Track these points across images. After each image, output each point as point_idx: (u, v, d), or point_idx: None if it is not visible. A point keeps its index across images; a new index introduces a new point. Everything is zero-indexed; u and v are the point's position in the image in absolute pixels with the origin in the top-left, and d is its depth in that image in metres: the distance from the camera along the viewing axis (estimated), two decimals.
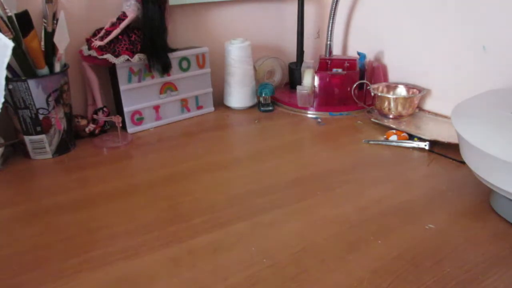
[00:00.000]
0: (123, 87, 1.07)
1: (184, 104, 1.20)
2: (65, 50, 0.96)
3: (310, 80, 1.20)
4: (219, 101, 1.30)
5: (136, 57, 1.05)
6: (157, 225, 0.70)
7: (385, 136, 1.03)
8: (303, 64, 1.25)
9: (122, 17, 1.04)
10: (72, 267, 0.61)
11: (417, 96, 1.11)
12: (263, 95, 1.25)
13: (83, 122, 1.07)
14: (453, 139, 0.94)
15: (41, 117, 0.93)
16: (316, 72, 1.21)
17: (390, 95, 1.12)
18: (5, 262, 0.63)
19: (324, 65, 1.31)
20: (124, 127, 1.11)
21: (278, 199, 0.77)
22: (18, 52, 0.87)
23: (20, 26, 0.88)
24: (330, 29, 1.30)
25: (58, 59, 0.95)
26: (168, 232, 0.69)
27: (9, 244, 0.67)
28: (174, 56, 1.13)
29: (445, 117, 1.10)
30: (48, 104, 0.93)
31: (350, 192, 0.79)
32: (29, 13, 0.90)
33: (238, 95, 1.25)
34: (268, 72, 1.38)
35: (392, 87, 1.19)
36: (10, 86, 0.89)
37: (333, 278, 0.57)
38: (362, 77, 1.25)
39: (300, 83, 1.25)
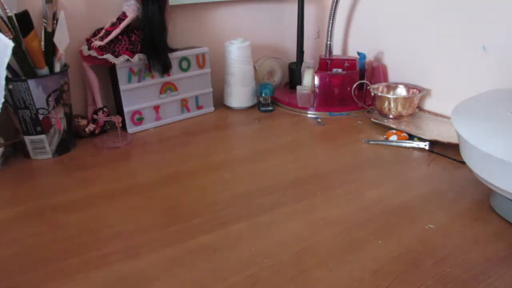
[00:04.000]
0: (123, 87, 1.07)
1: (184, 104, 1.20)
2: (65, 50, 0.96)
3: (310, 80, 1.20)
4: (219, 101, 1.30)
5: (136, 57, 1.05)
6: (157, 225, 0.70)
7: (385, 136, 1.03)
8: (303, 64, 1.25)
9: (122, 17, 1.04)
10: (72, 267, 0.61)
11: (417, 96, 1.11)
12: (263, 95, 1.25)
13: (83, 122, 1.07)
14: (453, 139, 0.94)
15: (41, 117, 0.93)
16: (316, 72, 1.21)
17: (390, 95, 1.12)
18: (5, 262, 0.63)
19: (324, 65, 1.31)
20: (124, 127, 1.11)
21: (278, 199, 0.77)
22: (18, 52, 0.87)
23: (20, 26, 0.88)
24: (330, 29, 1.30)
25: (58, 59, 0.95)
26: (168, 232, 0.69)
27: (9, 244, 0.67)
28: (174, 56, 1.13)
29: (445, 117, 1.10)
30: (48, 104, 0.93)
31: (350, 192, 0.79)
32: (29, 13, 0.90)
33: (238, 95, 1.25)
34: (268, 72, 1.38)
35: (392, 87, 1.19)
36: (10, 86, 0.89)
37: (333, 278, 0.57)
38: (362, 77, 1.25)
39: (300, 83, 1.25)
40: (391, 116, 1.12)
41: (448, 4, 1.05)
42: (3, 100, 0.81)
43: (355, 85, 1.19)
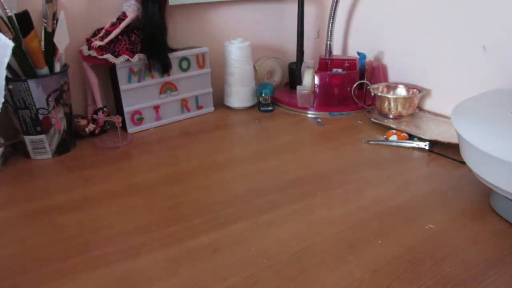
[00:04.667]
0: (123, 87, 1.07)
1: (184, 104, 1.20)
2: (65, 50, 0.96)
3: (310, 80, 1.20)
4: (219, 101, 1.30)
5: (136, 57, 1.05)
6: (157, 225, 0.70)
7: (385, 136, 1.03)
8: (303, 64, 1.25)
9: (122, 17, 1.04)
10: (72, 267, 0.61)
11: (417, 96, 1.11)
12: (263, 95, 1.25)
13: (83, 122, 1.07)
14: (453, 139, 0.94)
15: (41, 117, 0.93)
16: (316, 72, 1.21)
17: (390, 95, 1.12)
18: (5, 262, 0.63)
19: (324, 65, 1.31)
20: (124, 127, 1.11)
21: (278, 199, 0.77)
22: (18, 52, 0.87)
23: (20, 26, 0.88)
24: (330, 29, 1.30)
25: (58, 59, 0.95)
26: (168, 232, 0.69)
27: (9, 244, 0.67)
28: (174, 56, 1.13)
29: (445, 117, 1.10)
30: (48, 104, 0.93)
31: (350, 192, 0.79)
32: (29, 13, 0.90)
33: (238, 95, 1.25)
34: (268, 72, 1.38)
35: (392, 87, 1.19)
36: (10, 86, 0.89)
37: (333, 278, 0.57)
38: (362, 77, 1.25)
39: (300, 83, 1.25)
40: (391, 116, 1.12)
41: (448, 4, 1.05)
42: (3, 100, 0.81)
43: (355, 85, 1.19)
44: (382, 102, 1.12)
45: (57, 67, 0.96)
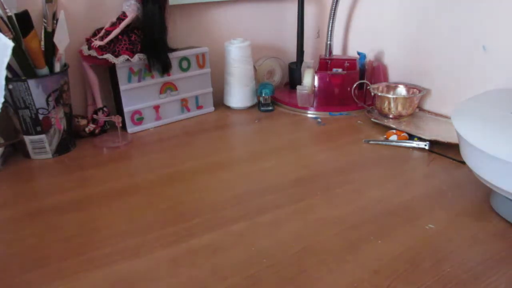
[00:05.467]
0: (123, 87, 1.07)
1: (184, 104, 1.20)
2: (65, 50, 0.96)
3: (310, 80, 1.20)
4: (219, 101, 1.30)
5: (136, 57, 1.05)
6: (157, 225, 0.70)
7: (385, 136, 1.03)
8: (303, 64, 1.25)
9: (122, 17, 1.04)
10: (72, 267, 0.61)
11: (417, 96, 1.11)
12: (263, 95, 1.25)
13: (83, 122, 1.07)
14: (453, 139, 0.94)
15: (41, 117, 0.93)
16: (316, 72, 1.21)
17: (390, 95, 1.12)
18: (5, 262, 0.63)
19: (324, 65, 1.31)
20: (124, 127, 1.11)
21: (278, 199, 0.77)
22: (18, 52, 0.87)
23: (20, 26, 0.88)
24: (330, 29, 1.30)
25: (58, 59, 0.95)
26: (168, 232, 0.69)
27: (9, 244, 0.67)
28: (174, 56, 1.13)
29: (445, 117, 1.10)
30: (48, 104, 0.93)
31: (350, 192, 0.79)
32: (29, 13, 0.90)
33: (238, 95, 1.26)
34: (268, 72, 1.38)
35: (392, 87, 1.19)
36: (10, 86, 0.89)
37: (333, 278, 0.57)
38: (362, 77, 1.25)
39: (300, 83, 1.25)
40: (391, 116, 1.12)
41: (448, 4, 1.05)
42: (3, 100, 0.81)
43: (355, 85, 1.19)
44: (382, 102, 1.12)
45: (57, 67, 0.96)
